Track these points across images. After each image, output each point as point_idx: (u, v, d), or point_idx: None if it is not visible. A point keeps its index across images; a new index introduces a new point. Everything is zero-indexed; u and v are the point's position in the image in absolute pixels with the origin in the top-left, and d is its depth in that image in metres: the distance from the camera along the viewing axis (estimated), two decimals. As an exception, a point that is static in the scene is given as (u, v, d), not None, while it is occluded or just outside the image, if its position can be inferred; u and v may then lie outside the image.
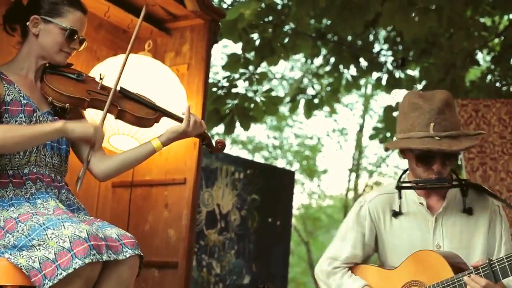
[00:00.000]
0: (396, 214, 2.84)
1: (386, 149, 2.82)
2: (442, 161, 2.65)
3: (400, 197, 2.83)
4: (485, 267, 2.44)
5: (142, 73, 3.66)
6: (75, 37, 2.65)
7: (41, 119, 2.56)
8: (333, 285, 2.88)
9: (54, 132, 2.45)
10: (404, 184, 2.82)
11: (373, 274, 2.85)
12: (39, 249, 2.22)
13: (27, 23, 2.61)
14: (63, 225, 2.24)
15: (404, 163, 2.93)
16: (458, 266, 2.56)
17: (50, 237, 2.21)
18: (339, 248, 2.92)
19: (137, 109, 2.70)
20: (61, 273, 2.14)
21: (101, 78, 2.71)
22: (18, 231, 2.30)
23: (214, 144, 2.85)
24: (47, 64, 2.67)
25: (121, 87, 2.73)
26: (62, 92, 2.55)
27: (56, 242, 2.19)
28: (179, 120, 2.75)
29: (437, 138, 2.60)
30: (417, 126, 2.66)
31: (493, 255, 2.70)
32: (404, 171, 2.92)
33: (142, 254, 2.40)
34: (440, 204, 2.78)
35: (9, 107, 2.49)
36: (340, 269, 2.89)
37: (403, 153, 2.82)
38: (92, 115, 3.32)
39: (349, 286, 2.82)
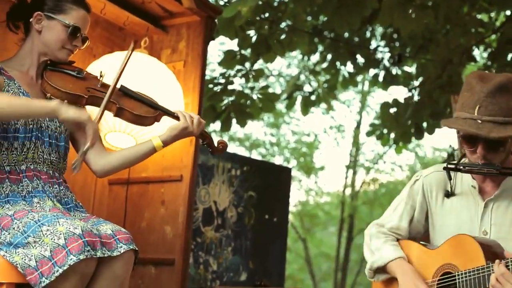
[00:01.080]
0: (448, 194, 2.77)
1: (443, 126, 2.68)
2: (487, 146, 2.53)
3: (450, 178, 2.75)
4: None
5: (138, 70, 3.66)
6: (78, 35, 2.66)
7: None
8: (373, 247, 2.86)
9: (46, 108, 2.39)
10: (451, 166, 2.71)
11: (415, 250, 2.81)
12: (35, 246, 2.22)
13: (30, 20, 2.61)
14: (58, 222, 2.24)
15: (401, 159, 2.90)
16: (493, 255, 2.48)
17: (45, 233, 2.22)
18: (387, 217, 2.91)
19: (137, 107, 2.69)
20: (57, 270, 2.15)
21: (101, 76, 2.70)
22: (13, 228, 2.30)
23: (215, 144, 2.83)
24: (49, 61, 2.67)
25: (121, 85, 2.72)
26: (60, 88, 2.55)
27: (51, 239, 2.19)
28: (179, 119, 2.73)
29: (479, 121, 2.49)
30: (465, 106, 2.55)
31: None
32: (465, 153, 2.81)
33: (137, 248, 2.40)
34: (494, 190, 2.68)
35: None
36: (384, 235, 2.87)
37: (458, 133, 2.72)
38: (93, 114, 3.31)
39: (385, 252, 2.80)
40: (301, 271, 18.41)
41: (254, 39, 6.98)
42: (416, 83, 8.40)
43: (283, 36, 7.15)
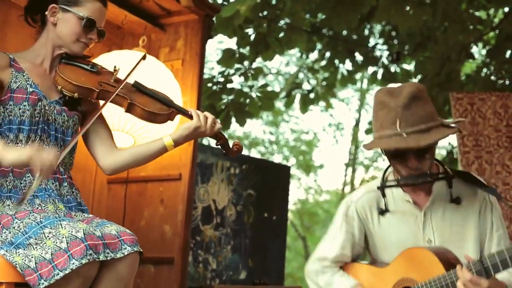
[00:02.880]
0: (383, 212, 2.80)
1: (368, 149, 2.71)
2: (417, 156, 2.58)
3: (384, 196, 2.80)
4: (476, 263, 2.39)
5: (136, 69, 3.65)
6: (93, 27, 2.64)
7: (46, 108, 2.53)
8: (323, 284, 2.87)
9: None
10: (386, 184, 2.78)
11: (365, 272, 2.83)
12: (36, 248, 2.20)
13: (46, 12, 2.60)
14: (60, 224, 2.22)
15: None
16: (449, 262, 2.52)
17: (48, 236, 2.20)
18: (328, 249, 2.90)
19: (149, 104, 2.63)
20: (57, 274, 2.13)
21: (115, 71, 2.67)
22: (14, 228, 2.29)
23: (230, 146, 2.72)
24: (64, 55, 2.65)
25: (135, 81, 2.68)
26: (71, 81, 2.53)
27: (53, 242, 2.17)
28: (193, 118, 2.65)
29: (404, 135, 2.51)
30: (385, 124, 2.57)
31: (485, 243, 2.67)
32: (388, 167, 2.87)
33: (141, 250, 2.38)
34: (427, 198, 2.73)
35: (14, 95, 2.48)
36: (330, 268, 2.88)
37: (382, 151, 2.76)
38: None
39: (340, 285, 2.81)
40: (301, 270, 18.41)
41: (252, 37, 6.99)
42: (414, 80, 8.40)
43: (281, 34, 7.16)
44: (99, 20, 2.67)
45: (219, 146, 2.72)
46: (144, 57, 2.64)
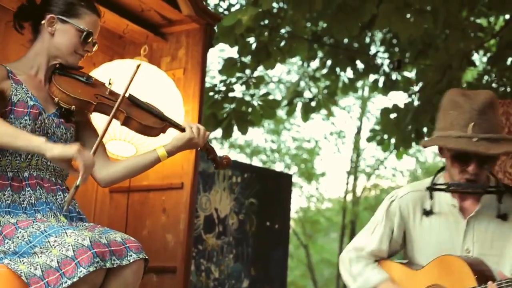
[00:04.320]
0: (427, 213, 2.76)
1: (424, 146, 2.70)
2: (479, 164, 2.55)
3: (431, 198, 2.76)
4: (509, 281, 2.37)
5: (138, 78, 3.65)
6: (90, 40, 2.64)
7: (46, 121, 2.53)
8: (355, 272, 2.85)
9: (32, 143, 2.30)
10: (436, 186, 2.74)
11: (398, 271, 2.81)
12: (41, 256, 2.20)
13: (42, 22, 2.59)
14: (66, 233, 2.22)
15: (402, 164, 2.89)
16: (483, 275, 2.49)
17: (53, 244, 2.20)
18: (366, 240, 2.88)
19: (145, 118, 2.68)
20: (66, 282, 2.12)
21: (110, 84, 2.69)
22: (18, 237, 2.28)
23: (219, 159, 2.82)
24: (58, 65, 2.64)
25: (130, 94, 2.70)
26: (69, 93, 2.53)
27: (59, 250, 2.17)
28: (185, 131, 2.72)
29: (474, 139, 2.49)
30: (456, 125, 2.55)
31: None
32: (439, 170, 2.84)
33: (147, 257, 2.38)
34: (474, 207, 2.69)
35: (15, 108, 2.47)
36: (364, 259, 2.86)
37: (441, 151, 2.73)
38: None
39: (371, 276, 2.80)
40: (303, 278, 18.37)
41: (254, 46, 6.99)
42: (416, 88, 8.40)
43: (282, 43, 7.16)
44: (95, 32, 2.68)
45: (209, 159, 2.81)
46: (138, 66, 2.65)
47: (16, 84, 2.51)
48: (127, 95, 2.67)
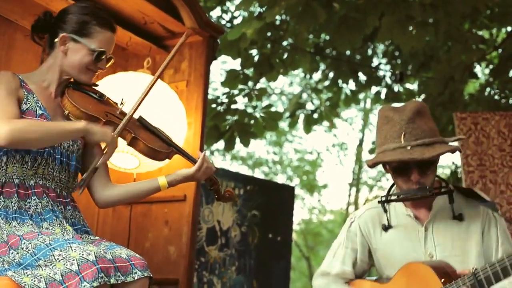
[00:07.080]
0: (385, 227, 2.83)
1: (369, 166, 2.78)
2: (420, 170, 2.63)
3: (385, 211, 2.83)
4: (470, 276, 2.41)
5: (141, 90, 3.66)
6: (103, 57, 2.66)
7: None
8: None
9: (75, 131, 2.46)
10: (385, 198, 2.81)
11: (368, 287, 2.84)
12: (45, 269, 2.20)
13: (56, 40, 2.61)
14: (70, 247, 2.22)
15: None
16: (447, 275, 2.53)
17: (57, 258, 2.20)
18: (329, 264, 2.92)
19: (151, 140, 2.72)
20: None
21: (122, 103, 2.74)
22: (22, 249, 2.28)
23: (222, 192, 2.87)
24: (72, 79, 2.67)
25: (140, 116, 2.76)
26: (79, 107, 2.56)
27: (64, 264, 2.17)
28: (192, 161, 2.77)
29: (408, 147, 2.58)
30: (389, 138, 2.64)
31: (491, 258, 2.66)
32: (393, 185, 2.90)
33: (151, 275, 2.38)
34: (428, 213, 2.76)
35: (23, 116, 2.48)
36: (333, 283, 2.88)
37: (385, 167, 2.82)
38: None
39: None
40: (305, 290, 18.34)
41: (256, 58, 7.01)
42: (418, 99, 8.40)
43: (285, 55, 7.18)
44: (108, 49, 2.70)
45: (211, 190, 2.86)
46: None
47: (27, 92, 2.55)
48: (137, 116, 2.73)
